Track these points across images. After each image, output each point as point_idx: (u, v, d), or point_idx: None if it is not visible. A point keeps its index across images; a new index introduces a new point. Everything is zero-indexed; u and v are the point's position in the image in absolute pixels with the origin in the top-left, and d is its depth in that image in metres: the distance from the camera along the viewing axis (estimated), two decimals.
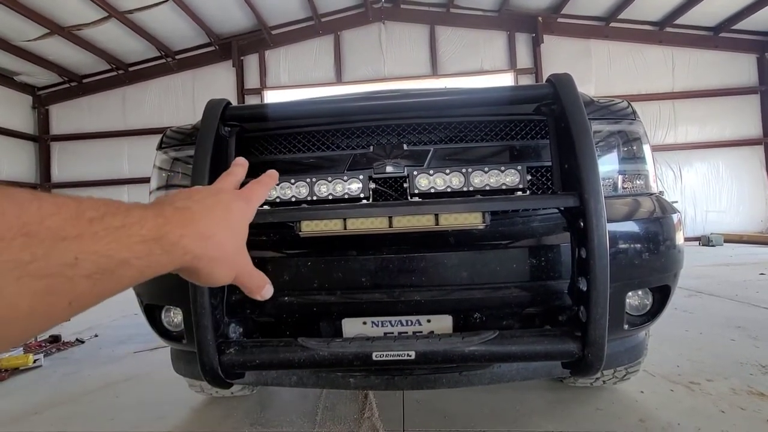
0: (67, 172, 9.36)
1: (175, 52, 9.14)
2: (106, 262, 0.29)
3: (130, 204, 0.34)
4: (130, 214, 0.32)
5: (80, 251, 0.28)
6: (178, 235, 0.35)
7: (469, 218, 0.97)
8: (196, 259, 0.37)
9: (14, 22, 7.08)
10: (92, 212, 0.30)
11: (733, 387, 1.70)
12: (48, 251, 0.26)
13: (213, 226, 0.39)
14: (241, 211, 0.44)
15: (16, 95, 8.94)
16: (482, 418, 1.56)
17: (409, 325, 1.13)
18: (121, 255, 0.30)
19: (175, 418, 1.71)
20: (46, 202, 0.28)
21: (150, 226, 0.33)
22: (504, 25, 9.07)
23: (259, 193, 0.49)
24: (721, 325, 2.57)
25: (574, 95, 1.01)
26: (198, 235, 0.37)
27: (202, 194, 0.42)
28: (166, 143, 1.39)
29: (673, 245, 1.18)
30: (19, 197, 0.27)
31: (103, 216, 0.30)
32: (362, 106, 1.15)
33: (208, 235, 0.38)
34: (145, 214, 0.33)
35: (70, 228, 0.28)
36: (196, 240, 0.36)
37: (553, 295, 1.10)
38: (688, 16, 8.32)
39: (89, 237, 0.29)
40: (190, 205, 0.39)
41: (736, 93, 8.78)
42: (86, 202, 0.30)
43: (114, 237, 0.30)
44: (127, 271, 0.31)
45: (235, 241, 0.42)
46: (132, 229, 0.31)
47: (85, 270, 0.28)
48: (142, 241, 0.32)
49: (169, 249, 0.34)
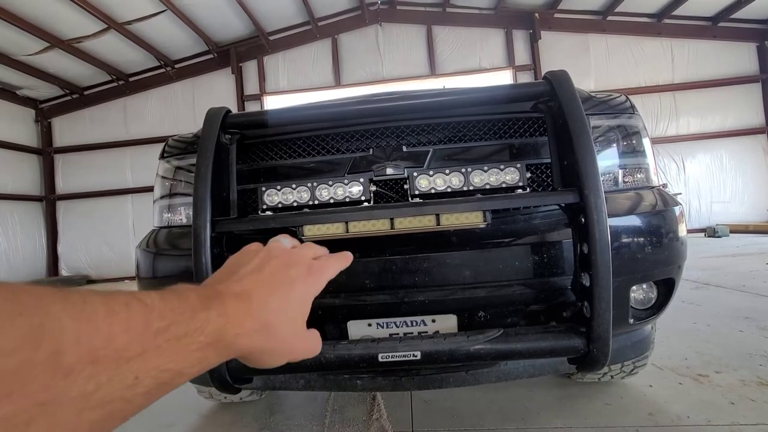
0: (71, 184, 9.44)
1: (174, 61, 9.20)
2: (164, 377, 0.28)
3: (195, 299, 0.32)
4: (194, 319, 0.30)
5: (141, 370, 0.26)
6: (233, 335, 0.33)
7: (470, 218, 0.98)
8: (248, 353, 0.36)
9: (15, 37, 7.16)
10: (159, 322, 0.28)
11: (743, 378, 1.69)
12: (111, 377, 0.25)
13: (271, 314, 0.37)
14: (309, 289, 0.42)
15: (18, 109, 9.03)
16: (491, 416, 1.56)
17: (414, 325, 1.14)
18: (179, 367, 0.29)
19: (184, 425, 1.72)
20: (117, 317, 0.26)
21: (210, 330, 0.31)
22: (501, 22, 9.06)
23: (333, 269, 0.46)
24: (729, 317, 2.56)
25: (570, 91, 1.02)
26: (253, 331, 0.35)
27: (275, 266, 0.40)
28: (168, 152, 1.41)
29: (676, 237, 1.18)
30: (94, 314, 0.25)
31: (169, 326, 0.29)
32: (360, 110, 1.16)
33: (263, 328, 0.36)
34: (208, 316, 0.31)
35: (136, 345, 0.26)
36: (250, 338, 0.35)
37: (557, 291, 1.10)
38: (685, 7, 8.29)
39: (152, 352, 0.27)
40: (252, 289, 0.37)
41: (737, 82, 8.73)
42: (156, 310, 0.28)
43: (176, 349, 0.29)
44: (180, 380, 0.30)
45: (292, 325, 0.39)
46: (193, 336, 0.30)
47: (144, 388, 0.27)
48: (200, 349, 0.30)
49: (222, 351, 0.33)
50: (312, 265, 0.44)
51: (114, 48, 8.17)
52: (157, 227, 1.41)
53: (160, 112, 9.39)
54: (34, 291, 0.23)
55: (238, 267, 0.41)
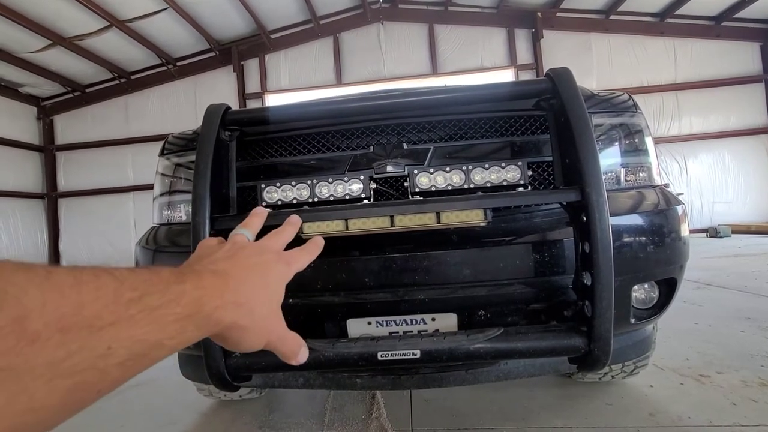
0: (73, 182, 9.46)
1: (176, 59, 9.20)
2: (139, 347, 0.28)
3: (168, 274, 0.32)
4: (168, 290, 0.30)
5: (114, 339, 0.26)
6: (212, 306, 0.33)
7: (470, 215, 0.97)
8: (226, 329, 0.36)
9: (18, 35, 7.17)
10: (131, 293, 0.28)
11: (744, 379, 1.69)
12: (83, 344, 0.24)
13: (248, 291, 0.37)
14: (280, 273, 0.43)
15: (20, 107, 9.05)
16: (490, 415, 1.55)
17: (413, 324, 1.13)
18: (155, 337, 0.29)
19: (184, 423, 1.72)
20: (86, 286, 0.26)
21: (186, 301, 0.31)
22: (503, 21, 9.04)
23: (303, 260, 0.48)
24: (731, 317, 2.54)
25: (573, 89, 1.01)
26: (231, 303, 0.35)
27: (247, 253, 0.41)
28: (167, 149, 1.40)
29: (678, 237, 1.17)
30: (60, 283, 0.25)
31: (142, 296, 0.28)
32: (360, 107, 1.16)
33: (242, 302, 0.36)
34: (183, 288, 0.31)
35: (107, 314, 0.26)
36: (229, 310, 0.35)
37: (558, 290, 1.09)
38: (689, 6, 8.25)
39: (125, 322, 0.27)
40: (228, 269, 0.38)
41: (740, 82, 8.68)
42: (127, 281, 0.28)
43: (150, 319, 0.28)
44: (158, 352, 0.29)
45: (268, 306, 0.40)
46: (169, 307, 0.30)
47: (117, 358, 0.26)
48: (177, 320, 0.30)
49: (201, 324, 0.33)
50: (281, 254, 0.45)
51: (116, 46, 8.17)
52: (156, 224, 1.41)
53: (162, 110, 9.40)
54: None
55: (210, 252, 0.42)
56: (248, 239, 0.47)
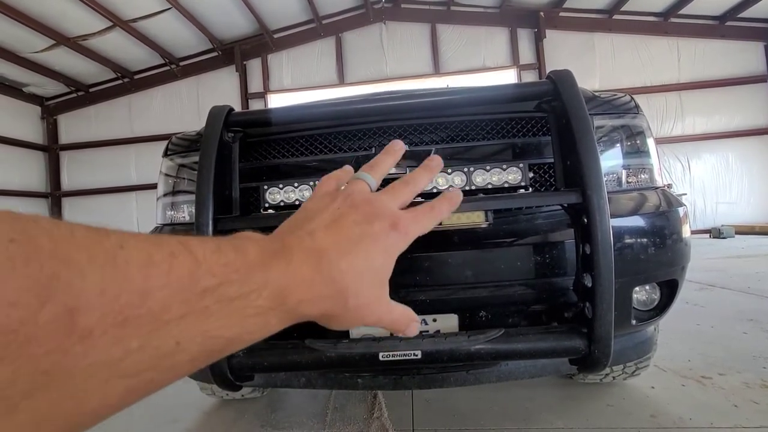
0: (76, 181, 9.51)
1: (179, 59, 9.24)
2: (213, 344, 0.24)
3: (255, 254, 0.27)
4: (250, 279, 0.26)
5: (183, 335, 0.22)
6: (296, 301, 0.28)
7: (471, 217, 0.97)
8: (311, 318, 0.31)
9: (21, 35, 7.21)
10: (207, 280, 0.24)
11: (746, 381, 1.68)
12: (145, 342, 0.21)
13: (345, 279, 0.30)
14: (392, 247, 0.34)
15: (24, 106, 9.10)
16: (492, 416, 1.55)
17: None
18: (231, 333, 0.25)
19: (187, 421, 1.73)
20: (156, 270, 0.22)
21: (269, 293, 0.27)
22: (505, 21, 9.02)
23: (424, 224, 0.37)
24: (733, 319, 2.54)
25: (574, 91, 1.01)
26: (321, 297, 0.29)
27: (354, 218, 0.33)
28: (171, 150, 1.41)
29: (680, 239, 1.17)
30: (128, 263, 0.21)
31: (219, 285, 0.24)
32: (363, 109, 1.16)
33: (334, 294, 0.30)
34: (267, 277, 0.27)
35: (177, 306, 0.22)
36: (316, 304, 0.29)
37: (559, 291, 1.09)
38: (692, 6, 8.21)
39: (197, 315, 0.23)
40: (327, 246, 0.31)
41: (744, 82, 8.64)
42: (204, 265, 0.24)
43: (227, 312, 0.24)
44: (236, 347, 0.26)
45: (368, 291, 0.32)
46: (249, 299, 0.25)
47: (188, 355, 0.23)
48: (258, 314, 0.26)
49: (284, 317, 0.28)
50: (398, 219, 0.35)
51: (119, 46, 8.21)
52: (160, 224, 1.42)
53: (165, 109, 9.44)
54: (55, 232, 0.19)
55: (313, 215, 0.34)
56: (369, 188, 0.39)
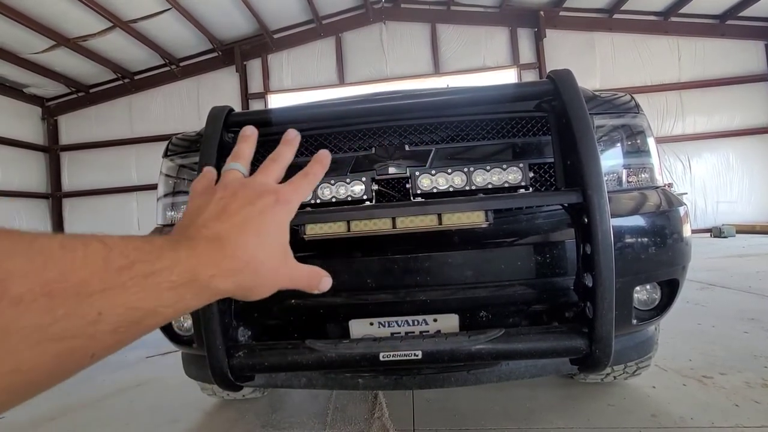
0: (77, 181, 9.51)
1: (179, 60, 9.24)
2: (133, 314, 0.28)
3: (161, 241, 0.31)
4: (161, 258, 0.30)
5: (105, 306, 0.26)
6: (208, 275, 0.32)
7: (471, 217, 0.97)
8: (230, 293, 0.35)
9: (22, 35, 7.21)
10: (121, 260, 0.27)
11: (747, 380, 1.68)
12: (70, 311, 0.24)
13: (246, 253, 0.35)
14: (281, 217, 0.39)
15: (25, 107, 9.11)
16: (492, 415, 1.55)
17: (415, 324, 1.14)
18: (149, 305, 0.28)
19: (187, 422, 1.73)
20: (73, 253, 0.26)
21: (181, 269, 0.30)
22: (505, 20, 9.02)
23: (304, 190, 0.42)
24: (734, 318, 2.54)
25: (574, 91, 1.01)
26: (230, 271, 0.34)
27: (237, 203, 0.38)
28: (171, 151, 1.41)
29: (680, 238, 1.17)
30: (47, 249, 0.25)
31: (133, 263, 0.28)
32: (363, 109, 1.16)
33: (241, 267, 0.34)
34: (177, 256, 0.31)
35: (97, 281, 0.26)
36: (228, 276, 0.33)
37: (559, 291, 1.09)
38: (693, 5, 8.20)
39: (116, 289, 0.27)
40: (221, 231, 0.35)
41: (745, 81, 8.64)
42: (116, 248, 0.28)
43: (143, 286, 0.28)
44: (154, 320, 0.29)
45: (273, 257, 0.37)
46: (162, 275, 0.29)
47: (109, 325, 0.26)
48: (172, 288, 0.30)
49: (199, 292, 0.32)
50: (277, 191, 0.40)
51: (119, 46, 8.21)
52: (160, 225, 1.42)
53: (165, 110, 9.44)
54: None
55: (199, 212, 0.38)
56: (242, 174, 0.43)
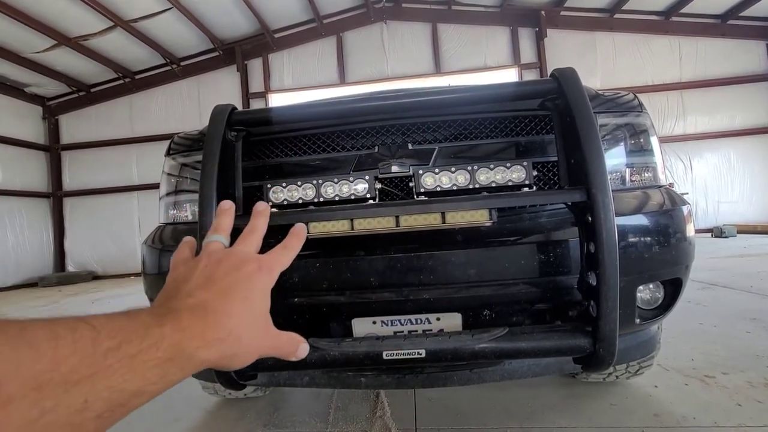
0: (78, 181, 9.51)
1: (180, 59, 9.23)
2: (118, 397, 0.27)
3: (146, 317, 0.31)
4: (147, 336, 0.30)
5: (91, 392, 0.25)
6: (193, 347, 0.32)
7: (475, 216, 0.97)
8: (213, 364, 0.35)
9: (23, 35, 7.21)
10: (108, 342, 0.27)
11: (750, 380, 1.68)
12: (58, 401, 0.24)
13: (230, 322, 0.36)
14: (263, 285, 0.40)
15: (26, 106, 9.10)
16: (495, 415, 1.55)
17: (418, 323, 1.13)
18: (134, 386, 0.28)
19: (189, 420, 1.73)
20: (63, 340, 0.25)
21: (166, 345, 0.30)
22: (506, 20, 9.01)
23: (285, 260, 0.44)
24: (736, 318, 2.53)
25: (578, 89, 1.01)
26: (214, 340, 0.34)
27: (222, 270, 0.39)
28: (174, 149, 1.41)
29: (684, 237, 1.16)
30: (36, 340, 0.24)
31: (120, 345, 0.28)
32: (366, 107, 1.16)
33: (225, 336, 0.35)
34: (162, 332, 0.31)
35: (84, 367, 0.25)
36: (213, 347, 0.34)
37: (563, 290, 1.09)
38: (694, 5, 8.19)
39: (103, 372, 0.26)
40: (206, 300, 0.36)
41: (746, 81, 8.62)
42: (104, 330, 0.28)
43: (129, 367, 0.28)
44: (138, 400, 0.29)
45: (255, 326, 0.38)
46: (149, 353, 0.29)
47: (95, 411, 0.26)
48: (157, 365, 0.29)
49: (184, 366, 0.32)
50: (260, 260, 0.42)
51: (120, 46, 8.21)
52: (163, 224, 1.42)
53: (166, 109, 9.44)
54: None
55: (185, 281, 0.39)
56: (223, 245, 0.45)
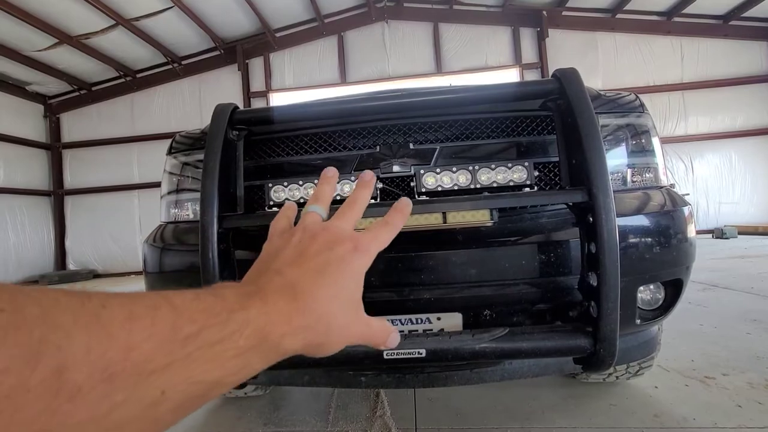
0: (79, 179, 9.52)
1: (181, 58, 9.23)
2: (197, 389, 0.24)
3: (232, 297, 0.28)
4: (230, 321, 0.27)
5: (168, 384, 0.23)
6: (279, 335, 0.29)
7: (476, 216, 0.97)
8: (296, 352, 0.32)
9: (24, 33, 7.21)
10: (189, 327, 0.24)
11: (750, 381, 1.68)
12: (130, 394, 0.21)
13: (320, 307, 0.32)
14: (359, 267, 0.36)
15: (28, 104, 9.11)
16: (495, 414, 1.55)
17: (419, 323, 1.14)
18: (213, 376, 0.25)
19: (189, 419, 1.73)
20: (138, 324, 0.22)
21: (250, 332, 0.27)
22: (508, 20, 9.00)
23: (384, 240, 0.39)
24: (737, 319, 2.53)
25: (580, 89, 1.01)
26: (300, 328, 0.31)
27: (316, 247, 0.35)
28: (175, 148, 1.41)
29: (685, 238, 1.16)
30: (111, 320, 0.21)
31: (200, 330, 0.25)
32: (368, 107, 1.16)
33: (313, 323, 0.31)
34: (247, 316, 0.28)
35: (161, 356, 0.23)
36: (299, 335, 0.31)
37: (564, 290, 1.09)
38: (696, 5, 8.17)
39: (181, 362, 0.23)
40: (296, 280, 0.32)
41: (748, 82, 8.59)
42: (186, 312, 0.25)
43: (209, 356, 0.25)
44: (218, 390, 0.26)
45: (346, 311, 0.34)
46: (231, 341, 0.26)
47: (172, 404, 0.23)
48: (239, 354, 0.27)
49: (268, 354, 0.29)
50: (357, 240, 0.37)
51: (121, 44, 8.21)
52: (164, 222, 1.42)
53: (167, 108, 9.44)
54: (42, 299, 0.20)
55: (276, 255, 0.36)
56: (321, 217, 0.41)
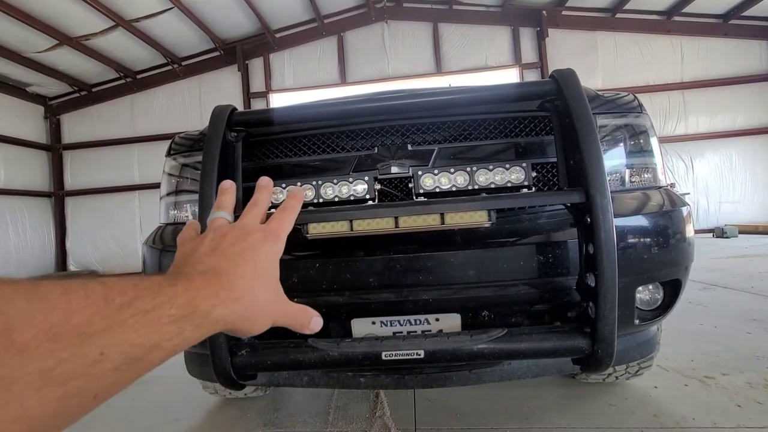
0: (79, 180, 9.53)
1: (181, 59, 9.24)
2: (135, 351, 0.28)
3: (159, 278, 0.32)
4: (160, 293, 0.30)
5: (107, 345, 0.26)
6: (208, 305, 0.33)
7: (474, 217, 0.97)
8: (230, 324, 0.36)
9: (25, 34, 7.22)
10: (121, 298, 0.28)
11: (750, 381, 1.68)
12: (73, 352, 0.24)
13: (243, 283, 0.37)
14: (272, 252, 0.41)
15: (28, 106, 9.12)
16: (494, 415, 1.56)
17: (417, 324, 1.14)
18: (150, 340, 0.29)
19: (189, 420, 1.73)
20: (74, 294, 0.26)
21: (180, 302, 0.31)
22: (507, 20, 9.00)
23: (287, 223, 0.45)
24: (737, 318, 2.53)
25: (577, 90, 1.01)
26: (229, 300, 0.35)
27: (229, 240, 0.40)
28: (174, 150, 1.42)
29: (683, 238, 1.17)
30: (48, 294, 0.25)
31: (132, 301, 0.28)
32: (366, 108, 1.16)
33: (239, 296, 0.36)
34: (175, 290, 0.31)
35: (98, 321, 0.26)
36: (228, 306, 0.35)
37: (562, 291, 1.09)
38: (696, 4, 8.17)
39: (117, 326, 0.27)
40: (216, 264, 0.37)
41: (748, 81, 8.59)
42: (115, 287, 0.28)
43: (144, 322, 0.28)
44: (157, 355, 0.29)
45: (267, 290, 0.39)
46: (162, 309, 0.30)
47: (111, 363, 0.26)
48: (172, 321, 0.30)
49: (200, 323, 0.32)
50: (266, 229, 0.43)
51: (122, 45, 8.22)
52: (163, 224, 1.42)
53: (167, 109, 9.45)
54: None
55: (192, 252, 0.40)
56: (228, 221, 0.46)
